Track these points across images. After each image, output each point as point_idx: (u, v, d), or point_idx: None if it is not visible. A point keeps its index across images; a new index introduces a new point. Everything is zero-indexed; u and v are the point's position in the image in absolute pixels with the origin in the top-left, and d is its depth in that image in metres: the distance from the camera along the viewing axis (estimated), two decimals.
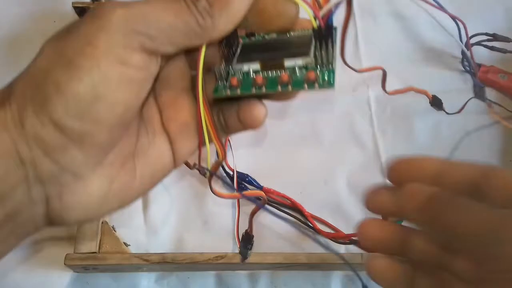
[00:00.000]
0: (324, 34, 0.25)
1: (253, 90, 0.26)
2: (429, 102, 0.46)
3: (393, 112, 0.51)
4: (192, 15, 0.24)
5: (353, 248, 0.44)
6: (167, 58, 0.27)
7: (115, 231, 0.43)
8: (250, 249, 0.39)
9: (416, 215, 0.24)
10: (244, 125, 0.28)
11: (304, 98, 0.52)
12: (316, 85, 0.25)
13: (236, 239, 0.43)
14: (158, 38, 0.23)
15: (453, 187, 0.24)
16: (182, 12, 0.24)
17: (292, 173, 0.46)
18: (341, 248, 0.44)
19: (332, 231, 0.45)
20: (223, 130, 0.29)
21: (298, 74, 0.26)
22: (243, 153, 0.46)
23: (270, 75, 0.27)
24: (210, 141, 0.28)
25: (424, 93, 0.43)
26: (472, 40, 0.51)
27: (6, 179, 0.23)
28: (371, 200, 0.26)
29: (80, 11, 0.47)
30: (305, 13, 0.26)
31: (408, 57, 0.54)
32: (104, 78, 0.23)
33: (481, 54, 0.52)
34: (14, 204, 0.23)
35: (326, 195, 0.47)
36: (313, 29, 0.25)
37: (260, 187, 0.46)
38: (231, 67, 0.27)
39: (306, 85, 0.26)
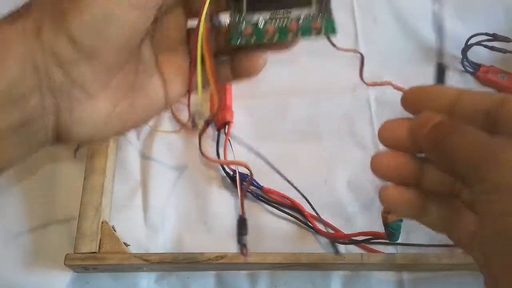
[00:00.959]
0: None
1: (265, 39, 0.29)
2: None
3: (393, 112, 0.51)
4: None
5: (353, 248, 0.44)
6: (166, 8, 0.29)
7: (115, 231, 0.43)
8: (246, 234, 0.37)
9: (424, 142, 0.25)
10: (241, 75, 0.31)
11: (304, 97, 0.52)
12: (322, 32, 0.30)
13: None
14: None
15: (468, 115, 0.24)
16: None
17: (292, 173, 0.46)
18: (341, 248, 0.44)
19: (332, 231, 0.45)
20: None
21: (305, 23, 0.29)
22: (243, 153, 0.46)
23: (279, 24, 0.29)
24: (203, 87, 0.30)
25: (401, 90, 0.43)
26: (472, 40, 0.51)
27: (22, 83, 0.25)
28: (385, 132, 0.28)
29: None
30: None
31: (408, 57, 0.54)
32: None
33: (481, 54, 0.52)
34: (29, 110, 0.25)
35: (326, 195, 0.47)
36: None
37: (260, 187, 0.46)
38: (242, 17, 0.29)
39: (313, 32, 0.29)
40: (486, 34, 0.51)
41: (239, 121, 0.49)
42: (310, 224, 0.45)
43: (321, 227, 0.45)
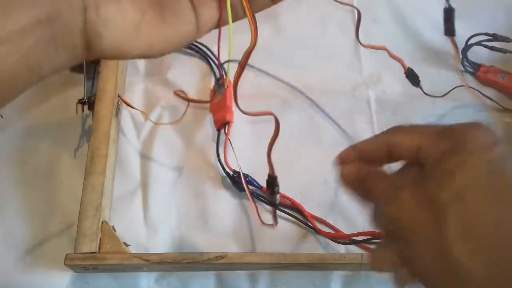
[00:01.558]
0: None
1: None
2: (404, 73, 0.46)
3: (393, 112, 0.51)
4: None
5: (353, 248, 0.44)
6: None
7: (115, 231, 0.43)
8: (278, 192, 0.37)
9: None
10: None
11: (304, 97, 0.52)
12: None
13: (260, 221, 0.43)
14: None
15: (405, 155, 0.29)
16: None
17: (292, 173, 0.46)
18: (341, 248, 0.44)
19: (332, 231, 0.45)
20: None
21: None
22: (243, 153, 0.46)
23: None
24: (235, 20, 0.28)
25: (400, 60, 0.43)
26: (472, 40, 0.51)
27: None
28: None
29: None
30: None
31: (408, 57, 0.54)
32: None
33: (481, 54, 0.52)
34: (56, 3, 0.24)
35: (326, 195, 0.47)
36: None
37: (260, 187, 0.46)
38: None
39: None
40: (486, 34, 0.51)
41: (239, 121, 0.49)
42: (310, 224, 0.45)
43: (321, 227, 0.45)
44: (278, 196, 0.37)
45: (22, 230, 0.45)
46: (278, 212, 0.45)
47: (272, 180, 0.35)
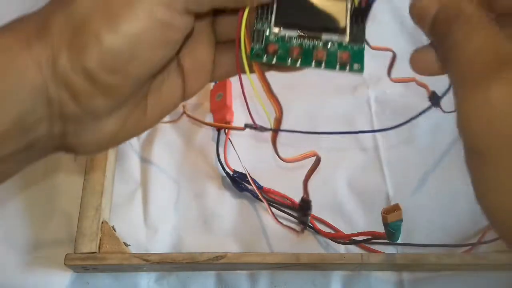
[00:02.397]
0: (362, 10, 0.27)
1: (289, 62, 0.27)
2: (428, 97, 0.46)
3: (393, 112, 0.51)
4: None
5: (353, 248, 0.44)
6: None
7: (115, 231, 0.43)
8: (310, 214, 0.38)
9: None
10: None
11: (304, 97, 0.52)
12: (347, 68, 0.27)
13: (278, 223, 0.43)
14: (202, 0, 0.24)
15: None
16: None
17: (292, 173, 0.46)
18: (341, 248, 0.44)
19: (332, 231, 0.45)
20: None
21: (331, 53, 0.27)
22: (243, 153, 0.46)
23: (306, 46, 0.27)
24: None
25: (425, 86, 0.43)
26: None
27: (33, 114, 0.24)
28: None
29: None
30: None
31: (408, 55, 0.54)
32: (145, 37, 0.23)
33: None
34: (36, 136, 0.24)
35: (326, 195, 0.47)
36: (353, 4, 0.27)
37: (260, 187, 0.46)
38: (269, 30, 0.27)
39: (338, 66, 0.27)
40: None
41: (239, 121, 0.49)
42: (310, 224, 0.45)
43: (321, 227, 0.45)
44: (309, 218, 0.39)
45: (22, 230, 0.45)
46: (278, 212, 0.45)
47: (306, 204, 0.37)
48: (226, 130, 0.48)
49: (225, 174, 0.47)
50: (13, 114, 0.23)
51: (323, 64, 0.27)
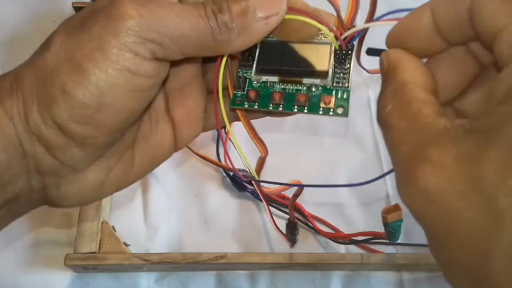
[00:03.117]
0: (344, 53, 0.26)
1: (270, 107, 0.27)
2: None
3: None
4: (209, 27, 0.23)
5: (353, 248, 0.44)
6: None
7: (115, 231, 0.43)
8: (298, 234, 0.40)
9: None
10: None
11: None
12: (331, 113, 0.26)
13: (277, 230, 0.43)
14: (169, 47, 0.23)
15: (453, 24, 0.21)
16: (199, 22, 0.23)
17: (292, 173, 0.46)
18: (341, 248, 0.44)
19: (332, 231, 0.45)
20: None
21: (314, 97, 0.26)
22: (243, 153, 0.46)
23: (288, 90, 0.27)
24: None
25: None
26: None
27: (9, 169, 0.23)
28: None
29: (80, 11, 0.47)
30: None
31: None
32: (111, 86, 0.22)
33: None
34: (15, 191, 0.24)
35: (326, 195, 0.47)
36: (334, 47, 0.26)
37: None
38: (251, 77, 0.27)
39: (321, 110, 0.26)
40: None
41: (239, 122, 0.49)
42: (310, 224, 0.45)
43: (321, 227, 0.45)
44: (298, 236, 0.41)
45: (22, 230, 0.45)
46: (278, 212, 0.45)
47: (292, 225, 0.39)
48: (227, 130, 0.48)
49: (225, 174, 0.47)
50: None
51: (305, 109, 0.26)
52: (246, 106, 0.27)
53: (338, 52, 0.26)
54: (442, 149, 0.19)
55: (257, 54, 0.27)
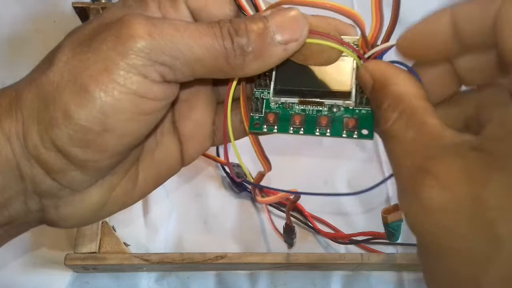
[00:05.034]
0: None
1: (291, 131, 0.25)
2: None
3: None
4: (224, 50, 0.22)
5: (353, 248, 0.44)
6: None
7: (115, 231, 0.43)
8: (295, 237, 0.40)
9: None
10: None
11: None
12: (355, 135, 0.25)
13: (276, 232, 0.43)
14: (181, 70, 0.22)
15: (476, 39, 0.21)
16: (214, 45, 0.22)
17: (292, 173, 0.46)
18: (341, 248, 0.44)
19: (332, 231, 0.45)
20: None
21: (337, 119, 0.25)
22: (243, 154, 0.46)
23: (308, 112, 0.25)
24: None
25: None
26: None
27: (4, 191, 0.22)
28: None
29: (80, 11, 0.47)
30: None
31: None
32: (116, 110, 0.21)
33: None
34: (11, 213, 0.23)
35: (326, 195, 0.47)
36: (355, 64, 0.25)
37: (260, 187, 0.46)
38: (269, 98, 0.25)
39: (344, 133, 0.25)
40: None
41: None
42: (310, 224, 0.45)
43: (321, 227, 0.45)
44: (293, 240, 0.41)
45: None
46: (278, 212, 0.45)
47: (289, 230, 0.39)
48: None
49: (225, 174, 0.47)
50: None
51: (328, 132, 0.25)
52: (265, 130, 0.26)
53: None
54: (449, 163, 0.18)
55: (274, 73, 0.25)
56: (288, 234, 0.41)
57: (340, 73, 0.25)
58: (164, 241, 0.45)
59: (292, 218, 0.45)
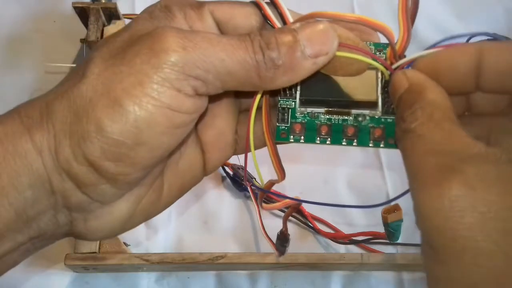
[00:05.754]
0: None
1: (317, 141, 0.25)
2: None
3: None
4: (256, 64, 0.22)
5: (353, 248, 0.44)
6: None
7: None
8: (287, 246, 0.39)
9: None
10: None
11: None
12: (382, 144, 0.25)
13: (265, 236, 0.43)
14: (213, 83, 0.22)
15: (501, 80, 0.22)
16: (246, 59, 0.22)
17: (292, 173, 0.46)
18: (341, 248, 0.44)
19: (332, 231, 0.45)
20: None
21: (363, 128, 0.25)
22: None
23: (334, 121, 0.25)
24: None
25: None
26: (472, 40, 0.51)
27: (35, 205, 0.22)
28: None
29: (80, 11, 0.47)
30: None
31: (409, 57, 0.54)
32: (150, 124, 0.21)
33: None
34: (41, 226, 0.23)
35: (326, 195, 0.47)
36: (383, 77, 0.25)
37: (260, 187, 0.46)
38: (295, 108, 0.25)
39: (371, 143, 0.25)
40: (486, 34, 0.51)
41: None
42: (310, 224, 0.45)
43: (321, 227, 0.45)
44: (286, 248, 0.40)
45: None
46: (278, 212, 0.45)
47: (284, 237, 0.39)
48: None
49: (225, 174, 0.47)
50: (15, 204, 0.21)
51: (354, 142, 0.25)
52: (292, 140, 0.26)
53: (386, 80, 0.25)
54: (482, 168, 0.18)
55: (299, 83, 0.25)
56: (282, 242, 0.40)
57: (365, 83, 0.25)
58: (164, 241, 0.45)
59: (291, 218, 0.45)
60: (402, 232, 0.39)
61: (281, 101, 0.26)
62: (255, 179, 0.29)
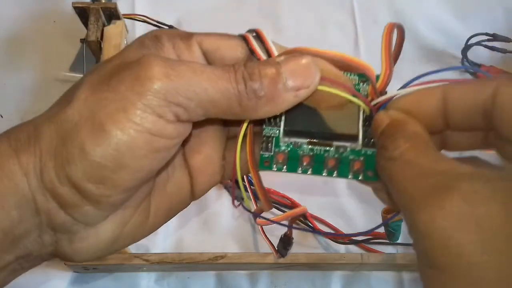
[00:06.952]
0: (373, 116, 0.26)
1: (299, 171, 0.26)
2: None
3: None
4: (237, 94, 0.23)
5: (353, 248, 0.44)
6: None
7: None
8: (289, 249, 0.40)
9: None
10: None
11: None
12: (361, 177, 0.26)
13: (265, 238, 0.43)
14: (194, 110, 0.23)
15: (465, 116, 0.23)
16: (228, 88, 0.23)
17: (292, 173, 0.46)
18: (341, 248, 0.45)
19: (332, 231, 0.45)
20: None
21: (344, 160, 0.26)
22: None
23: (316, 152, 0.26)
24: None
25: None
26: (472, 40, 0.51)
27: (21, 225, 0.23)
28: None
29: (80, 11, 0.47)
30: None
31: (408, 57, 0.54)
32: (131, 147, 0.22)
33: (481, 54, 0.52)
34: (26, 246, 0.24)
35: (326, 195, 0.47)
36: (364, 111, 0.25)
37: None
38: (278, 137, 0.26)
39: (351, 175, 0.26)
40: (486, 34, 0.51)
41: None
42: (310, 224, 0.45)
43: (321, 227, 0.45)
44: (287, 251, 0.41)
45: None
46: (278, 212, 0.45)
47: (287, 240, 0.39)
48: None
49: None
50: (1, 226, 0.22)
51: (335, 173, 0.26)
52: (275, 169, 0.26)
53: (368, 116, 0.26)
54: (478, 185, 0.19)
55: (284, 114, 0.26)
56: (284, 244, 0.40)
57: (348, 115, 0.26)
58: (164, 241, 0.45)
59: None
60: (402, 232, 0.39)
61: (266, 129, 0.26)
62: (243, 199, 0.30)
